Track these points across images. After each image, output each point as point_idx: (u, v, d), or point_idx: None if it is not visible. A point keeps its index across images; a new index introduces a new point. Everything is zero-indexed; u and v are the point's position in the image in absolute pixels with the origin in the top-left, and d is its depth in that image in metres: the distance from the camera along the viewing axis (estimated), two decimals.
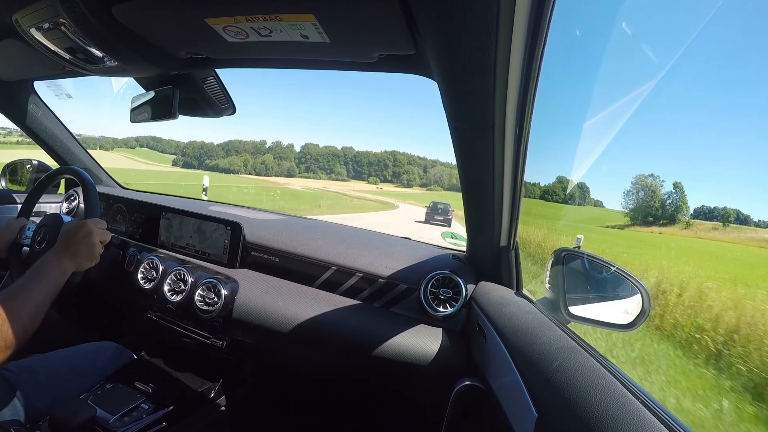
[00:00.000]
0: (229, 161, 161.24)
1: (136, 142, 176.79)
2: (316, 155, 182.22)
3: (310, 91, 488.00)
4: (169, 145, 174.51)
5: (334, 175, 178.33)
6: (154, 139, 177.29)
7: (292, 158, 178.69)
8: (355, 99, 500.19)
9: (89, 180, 1.05)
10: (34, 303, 0.67)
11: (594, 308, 0.86)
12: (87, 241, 0.85)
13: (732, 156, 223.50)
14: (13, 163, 1.68)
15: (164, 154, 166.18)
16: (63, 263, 0.79)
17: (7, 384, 0.86)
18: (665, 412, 0.39)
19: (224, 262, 1.17)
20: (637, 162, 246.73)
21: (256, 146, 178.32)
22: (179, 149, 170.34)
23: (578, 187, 50.98)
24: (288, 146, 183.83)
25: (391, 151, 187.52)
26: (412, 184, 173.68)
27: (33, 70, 1.25)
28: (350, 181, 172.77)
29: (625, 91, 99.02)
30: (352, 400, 1.37)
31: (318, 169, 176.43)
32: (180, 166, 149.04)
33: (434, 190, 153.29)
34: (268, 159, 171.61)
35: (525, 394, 0.54)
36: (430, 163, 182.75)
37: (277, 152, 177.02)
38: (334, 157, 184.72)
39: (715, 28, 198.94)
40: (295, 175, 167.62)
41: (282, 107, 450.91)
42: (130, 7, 0.66)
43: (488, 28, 0.43)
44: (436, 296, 0.97)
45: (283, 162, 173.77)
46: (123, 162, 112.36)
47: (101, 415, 0.91)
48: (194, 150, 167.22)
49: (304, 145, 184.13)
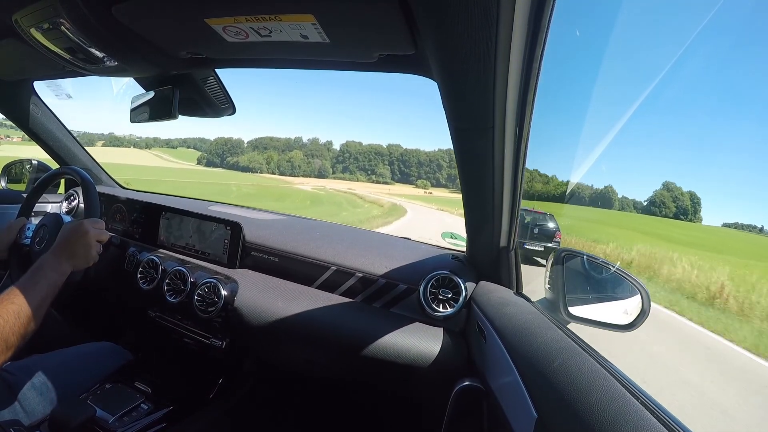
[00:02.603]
0: (249, 158, 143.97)
1: (183, 142, 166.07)
2: (357, 153, 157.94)
3: (356, 89, 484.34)
4: (215, 144, 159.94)
5: (375, 176, 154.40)
6: (201, 140, 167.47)
7: (328, 156, 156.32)
8: (404, 95, 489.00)
9: (89, 180, 1.05)
10: (32, 304, 0.68)
11: (594, 309, 0.87)
12: (83, 242, 0.85)
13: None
14: (13, 163, 1.69)
15: (198, 152, 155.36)
16: (60, 265, 0.79)
17: (7, 385, 0.86)
18: (665, 413, 0.39)
19: (224, 262, 1.17)
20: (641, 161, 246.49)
21: (288, 143, 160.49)
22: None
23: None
24: (326, 143, 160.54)
25: (447, 149, 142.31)
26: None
27: (33, 70, 1.25)
28: (393, 184, 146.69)
29: (625, 90, 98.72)
30: (351, 400, 1.37)
31: (357, 170, 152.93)
32: (203, 164, 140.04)
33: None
34: (296, 156, 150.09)
35: (525, 395, 0.54)
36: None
37: (311, 149, 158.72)
38: (377, 156, 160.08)
39: (716, 27, 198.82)
40: (327, 175, 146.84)
41: (325, 104, 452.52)
42: (130, 7, 0.65)
43: (488, 28, 0.43)
44: (436, 296, 0.97)
45: (314, 160, 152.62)
46: (151, 160, 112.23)
47: (101, 416, 0.91)
48: (218, 147, 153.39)
49: (345, 143, 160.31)
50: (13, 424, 0.76)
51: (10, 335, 0.63)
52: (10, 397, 0.84)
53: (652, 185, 53.89)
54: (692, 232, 32.26)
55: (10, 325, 0.63)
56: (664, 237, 19.87)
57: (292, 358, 1.14)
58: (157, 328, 1.19)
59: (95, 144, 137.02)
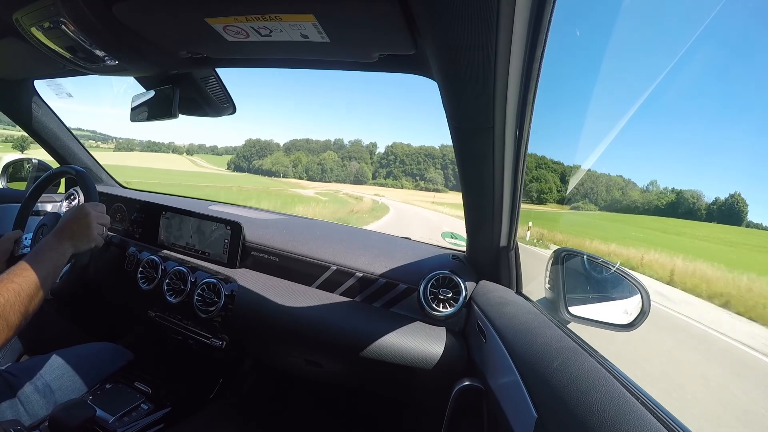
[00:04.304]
0: (273, 160, 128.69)
1: (233, 150, 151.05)
2: (404, 156, 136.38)
3: (404, 90, 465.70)
4: (244, 147, 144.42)
5: (423, 182, 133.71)
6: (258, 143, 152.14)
7: (368, 159, 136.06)
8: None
9: (80, 169, 1.07)
10: (33, 284, 0.68)
11: (594, 308, 0.87)
12: (84, 223, 0.85)
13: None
14: (13, 162, 1.69)
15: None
16: (61, 245, 0.79)
17: (7, 385, 0.86)
18: (665, 413, 0.39)
19: (224, 262, 1.17)
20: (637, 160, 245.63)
21: (326, 146, 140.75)
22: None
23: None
24: (368, 146, 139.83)
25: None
26: (545, 198, 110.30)
27: (33, 69, 1.25)
28: (446, 192, 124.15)
29: (626, 90, 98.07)
30: (351, 399, 1.37)
31: (403, 175, 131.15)
32: (231, 169, 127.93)
33: (584, 209, 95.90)
34: (328, 158, 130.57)
35: (525, 395, 0.54)
36: (569, 170, 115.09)
37: (349, 151, 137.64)
38: (428, 159, 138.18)
39: (715, 27, 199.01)
40: (366, 180, 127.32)
41: (374, 106, 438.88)
42: (131, 6, 0.65)
43: (488, 29, 0.43)
44: (436, 296, 0.97)
45: (351, 162, 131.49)
46: (183, 164, 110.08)
47: (101, 416, 0.91)
48: (246, 149, 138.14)
49: (391, 144, 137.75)
50: (14, 424, 0.76)
51: (11, 314, 0.63)
52: (11, 397, 0.84)
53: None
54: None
55: (10, 303, 0.63)
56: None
57: (291, 357, 1.14)
58: (157, 328, 1.19)
59: (134, 149, 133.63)
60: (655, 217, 42.07)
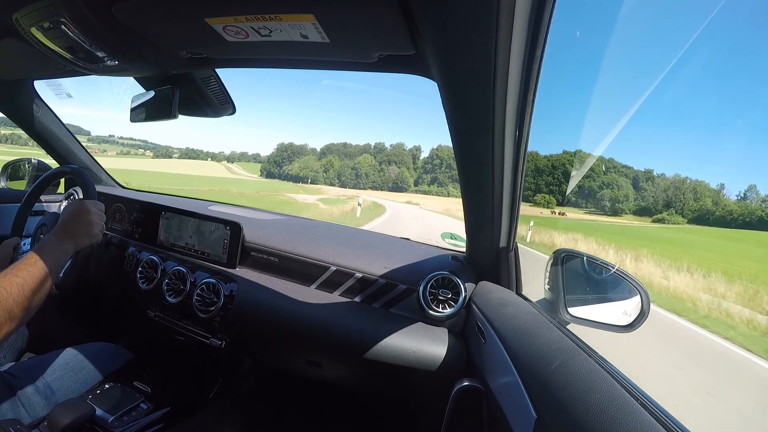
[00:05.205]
0: (301, 164, 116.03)
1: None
2: (451, 159, 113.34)
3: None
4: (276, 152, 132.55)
5: None
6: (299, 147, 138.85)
7: (410, 164, 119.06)
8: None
9: (76, 167, 1.08)
10: (36, 279, 0.70)
11: (593, 309, 0.87)
12: (84, 219, 0.86)
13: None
14: (13, 162, 1.69)
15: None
16: (63, 242, 0.80)
17: (7, 384, 0.86)
18: (664, 414, 0.39)
19: (223, 262, 1.17)
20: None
21: (365, 150, 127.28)
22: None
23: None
24: (411, 149, 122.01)
25: (574, 151, 45.42)
26: (620, 210, 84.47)
27: (33, 69, 1.25)
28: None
29: (626, 90, 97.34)
30: (350, 399, 1.37)
31: (449, 181, 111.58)
32: (264, 175, 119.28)
33: (671, 222, 72.43)
34: (364, 162, 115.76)
35: (524, 395, 0.54)
36: (643, 176, 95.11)
37: (389, 155, 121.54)
38: None
39: (715, 27, 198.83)
40: (407, 188, 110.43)
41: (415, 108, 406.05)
42: (131, 6, 0.65)
43: (488, 29, 0.43)
44: (436, 297, 0.97)
45: (390, 167, 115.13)
46: (218, 171, 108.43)
47: (100, 415, 0.91)
48: (277, 155, 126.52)
49: (437, 147, 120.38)
50: (14, 423, 0.76)
51: (13, 307, 0.65)
52: (11, 396, 0.84)
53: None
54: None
55: (13, 297, 0.65)
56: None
57: (290, 357, 1.14)
58: (156, 328, 1.19)
59: (172, 156, 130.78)
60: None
